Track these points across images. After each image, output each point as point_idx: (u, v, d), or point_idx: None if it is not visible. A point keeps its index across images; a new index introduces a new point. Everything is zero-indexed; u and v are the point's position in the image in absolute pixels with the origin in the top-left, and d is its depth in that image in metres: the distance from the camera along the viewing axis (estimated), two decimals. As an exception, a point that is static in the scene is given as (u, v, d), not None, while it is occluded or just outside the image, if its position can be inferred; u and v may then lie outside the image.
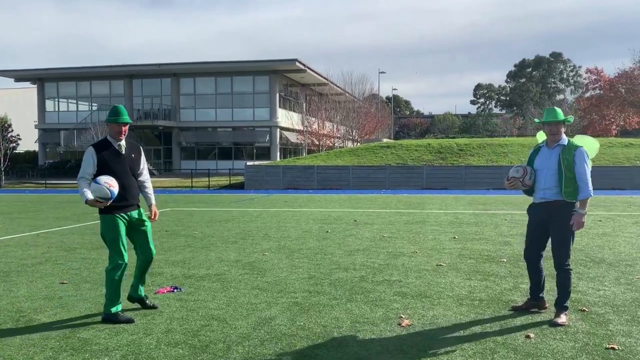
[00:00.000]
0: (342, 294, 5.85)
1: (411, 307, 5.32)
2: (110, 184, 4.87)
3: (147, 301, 5.40)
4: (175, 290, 6.06)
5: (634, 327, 4.64)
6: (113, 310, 5.00)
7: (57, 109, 44.14)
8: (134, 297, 5.40)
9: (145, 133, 42.09)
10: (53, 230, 11.66)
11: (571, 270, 4.92)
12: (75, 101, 43.85)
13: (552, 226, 4.88)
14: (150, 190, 5.42)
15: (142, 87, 42.59)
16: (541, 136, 5.34)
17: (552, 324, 4.71)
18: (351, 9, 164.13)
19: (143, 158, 5.40)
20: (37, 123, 44.71)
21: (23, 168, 40.69)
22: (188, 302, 5.59)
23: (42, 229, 11.76)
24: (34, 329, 4.76)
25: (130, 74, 42.10)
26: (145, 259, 5.31)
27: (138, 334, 4.62)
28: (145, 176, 5.40)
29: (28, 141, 47.66)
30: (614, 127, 46.80)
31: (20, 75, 43.79)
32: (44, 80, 43.64)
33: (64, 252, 8.69)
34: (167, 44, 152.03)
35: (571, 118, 4.96)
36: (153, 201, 5.43)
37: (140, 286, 5.40)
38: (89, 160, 5.02)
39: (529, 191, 5.07)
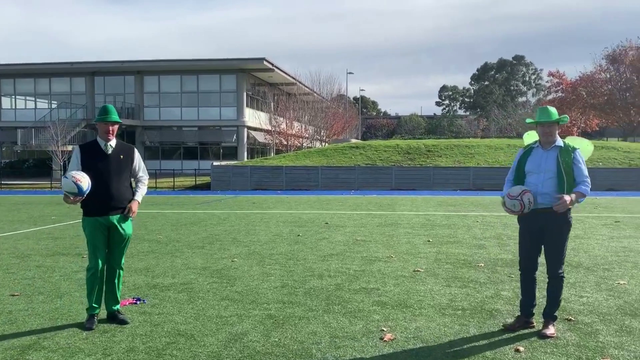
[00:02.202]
0: (318, 304, 5.52)
1: (392, 319, 5.03)
2: (79, 178, 4.66)
3: (120, 315, 5.03)
4: (138, 302, 5.62)
5: (624, 338, 4.46)
6: (87, 312, 4.93)
7: (14, 107, 42.42)
8: (107, 311, 5.08)
9: (108, 132, 40.73)
10: (6, 235, 10.96)
11: (564, 277, 4.69)
12: (33, 98, 42.22)
13: (548, 232, 4.61)
14: (140, 189, 5.16)
15: (105, 84, 41.23)
16: (530, 137, 5.10)
17: (541, 335, 4.49)
18: (319, 9, 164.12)
19: (137, 160, 5.16)
20: (-8, 121, 42.88)
21: (-23, 168, 38.92)
22: (152, 315, 5.17)
23: (-5, 234, 11.05)
24: (-23, 350, 4.28)
25: (92, 71, 40.75)
26: (109, 266, 5.04)
27: (96, 354, 4.19)
28: (140, 178, 5.22)
29: (-17, 140, 45.69)
30: (575, 129, 47.78)
31: (-25, 71, 41.91)
32: (0, 76, 41.88)
33: (16, 260, 8.10)
34: (131, 40, 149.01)
35: (566, 118, 4.66)
36: (137, 197, 5.10)
37: (110, 299, 5.04)
38: (74, 160, 4.98)
39: None
